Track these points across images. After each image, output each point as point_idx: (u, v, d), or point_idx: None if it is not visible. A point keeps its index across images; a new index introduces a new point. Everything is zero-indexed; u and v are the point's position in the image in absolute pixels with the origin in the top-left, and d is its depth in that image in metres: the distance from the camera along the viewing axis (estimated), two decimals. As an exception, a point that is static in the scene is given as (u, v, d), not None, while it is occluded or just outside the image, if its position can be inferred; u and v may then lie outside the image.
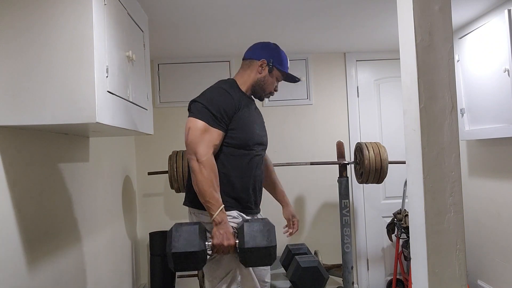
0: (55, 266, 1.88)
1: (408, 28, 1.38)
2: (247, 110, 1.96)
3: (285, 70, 2.06)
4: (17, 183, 1.60)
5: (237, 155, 1.93)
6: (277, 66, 2.03)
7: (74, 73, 1.47)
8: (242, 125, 1.92)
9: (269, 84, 2.05)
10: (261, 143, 2.03)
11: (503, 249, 2.85)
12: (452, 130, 1.36)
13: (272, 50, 2.05)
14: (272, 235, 1.77)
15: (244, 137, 1.93)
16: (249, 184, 1.96)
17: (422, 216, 1.35)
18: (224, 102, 1.88)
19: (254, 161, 1.97)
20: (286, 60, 2.08)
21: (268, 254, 1.75)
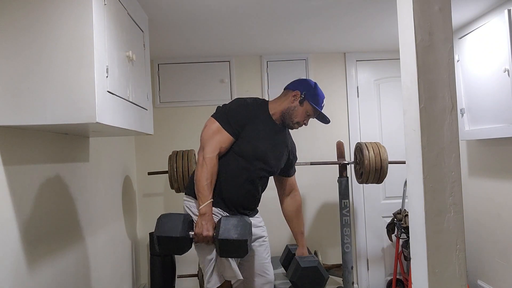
0: (55, 266, 1.88)
1: (408, 28, 1.38)
2: (261, 128, 2.07)
3: (316, 106, 2.13)
4: (17, 183, 1.60)
5: (235, 161, 2.04)
6: (309, 100, 2.12)
7: (74, 73, 1.47)
8: (249, 137, 2.04)
9: (297, 114, 2.13)
10: (262, 159, 2.08)
11: (503, 249, 2.84)
12: (452, 130, 1.36)
13: (308, 85, 2.16)
14: (245, 231, 1.88)
15: (245, 147, 2.04)
16: (234, 192, 2.06)
17: (422, 216, 1.35)
18: (241, 112, 2.06)
19: (247, 173, 2.06)
20: (321, 99, 2.17)
21: (238, 246, 1.87)
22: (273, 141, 2.13)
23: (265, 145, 2.08)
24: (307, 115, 2.15)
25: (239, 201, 2.09)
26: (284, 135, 2.21)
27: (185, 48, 3.28)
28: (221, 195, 2.06)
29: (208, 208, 1.96)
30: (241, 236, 1.87)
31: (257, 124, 2.07)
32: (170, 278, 3.31)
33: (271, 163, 2.13)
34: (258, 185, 2.14)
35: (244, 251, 1.90)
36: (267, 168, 2.12)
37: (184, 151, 3.03)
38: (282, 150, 2.19)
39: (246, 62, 3.64)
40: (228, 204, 2.07)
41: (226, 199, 2.06)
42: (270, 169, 2.14)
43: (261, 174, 2.12)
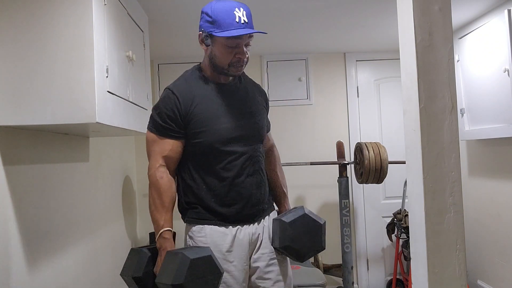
0: (55, 266, 1.88)
1: (408, 28, 1.38)
2: (206, 102, 1.59)
3: (225, 31, 1.49)
4: (17, 183, 1.60)
5: (205, 162, 1.61)
6: (213, 32, 1.52)
7: (74, 73, 1.47)
8: (201, 124, 1.57)
9: (220, 57, 1.57)
10: (236, 137, 1.60)
11: (503, 249, 2.84)
12: (452, 130, 1.36)
13: (205, 15, 1.54)
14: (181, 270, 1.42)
15: (206, 139, 1.58)
16: (227, 196, 1.62)
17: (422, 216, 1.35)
18: (168, 106, 1.59)
19: (230, 165, 1.60)
20: (227, 14, 1.49)
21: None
22: (228, 106, 1.62)
23: (224, 119, 1.59)
24: (229, 48, 1.54)
25: (238, 206, 1.63)
26: (241, 87, 1.70)
27: (185, 48, 3.28)
28: (205, 206, 1.63)
29: (161, 240, 1.55)
30: (174, 279, 1.40)
31: (197, 103, 1.58)
32: (170, 278, 3.31)
33: (246, 131, 1.63)
34: (250, 168, 1.63)
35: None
36: (246, 140, 1.63)
37: (184, 151, 3.03)
38: (246, 104, 1.68)
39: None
40: (227, 216, 1.63)
41: (215, 212, 1.62)
42: (251, 139, 1.64)
43: (244, 151, 1.62)
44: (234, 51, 1.55)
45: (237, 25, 1.49)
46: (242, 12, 1.50)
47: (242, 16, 1.50)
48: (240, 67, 1.60)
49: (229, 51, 1.55)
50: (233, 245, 1.62)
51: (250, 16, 1.55)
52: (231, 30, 1.48)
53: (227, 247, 1.62)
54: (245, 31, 1.50)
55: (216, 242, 1.61)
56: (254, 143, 1.67)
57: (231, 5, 1.50)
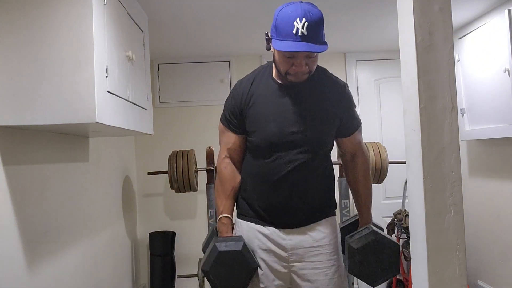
0: (55, 266, 1.87)
1: (408, 28, 1.38)
2: (262, 103, 1.57)
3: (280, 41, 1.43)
4: (17, 183, 1.60)
5: (255, 161, 1.62)
6: (273, 37, 1.47)
7: (74, 73, 1.47)
8: (254, 123, 1.58)
9: (279, 63, 1.52)
10: (284, 143, 1.55)
11: (503, 249, 2.84)
12: (452, 130, 1.36)
13: (275, 14, 1.48)
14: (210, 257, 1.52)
15: (255, 139, 1.59)
16: (267, 198, 1.60)
17: (422, 216, 1.35)
18: (230, 102, 1.64)
19: (270, 167, 1.56)
20: (287, 23, 1.41)
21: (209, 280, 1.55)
22: (292, 110, 1.54)
23: (274, 123, 1.54)
24: (287, 58, 1.47)
25: (268, 210, 1.60)
26: (309, 89, 1.58)
27: (185, 48, 3.28)
28: (252, 206, 1.63)
29: (220, 225, 1.62)
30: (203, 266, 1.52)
31: (253, 103, 1.57)
32: (170, 278, 3.31)
33: (302, 141, 1.54)
34: (298, 176, 1.56)
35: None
36: (297, 146, 1.54)
37: (184, 151, 3.03)
38: (315, 111, 1.57)
39: (246, 62, 3.64)
40: (267, 217, 1.61)
41: (260, 212, 1.61)
42: (305, 147, 1.54)
43: (289, 157, 1.54)
44: (291, 61, 1.48)
45: (293, 37, 1.40)
46: (302, 24, 1.39)
47: (301, 28, 1.39)
48: (299, 77, 1.52)
49: (287, 60, 1.49)
50: (266, 244, 1.61)
51: (315, 25, 1.43)
52: (286, 41, 1.41)
53: (259, 244, 1.61)
54: (295, 47, 1.41)
55: (250, 238, 1.62)
56: (310, 151, 1.56)
57: (294, 14, 1.41)
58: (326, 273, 1.60)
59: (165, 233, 3.39)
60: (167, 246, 3.35)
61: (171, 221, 3.56)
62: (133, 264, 3.28)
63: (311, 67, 1.53)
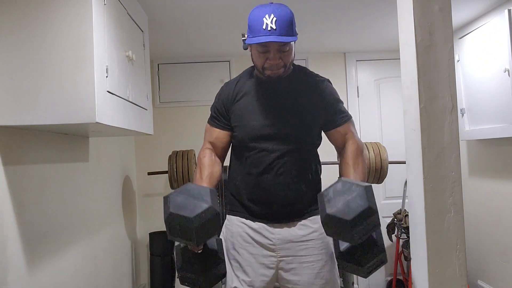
0: (55, 266, 1.87)
1: (408, 28, 1.38)
2: (246, 99, 1.66)
3: (252, 37, 1.52)
4: (17, 183, 1.60)
5: (240, 156, 1.69)
6: (248, 35, 1.57)
7: (74, 73, 1.47)
8: (237, 119, 1.66)
9: (255, 59, 1.61)
10: (266, 135, 1.60)
11: (503, 249, 2.84)
12: (452, 130, 1.36)
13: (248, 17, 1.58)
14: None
15: (238, 133, 1.66)
16: (252, 191, 1.65)
17: (422, 216, 1.35)
18: (217, 99, 1.75)
19: (253, 160, 1.62)
20: (256, 19, 1.51)
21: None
22: (265, 104, 1.63)
23: (257, 117, 1.62)
24: (261, 53, 1.55)
25: (254, 203, 1.65)
26: (288, 84, 1.65)
27: (185, 48, 3.28)
28: (241, 202, 1.69)
29: None
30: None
31: (239, 100, 1.66)
32: (170, 278, 3.31)
33: (282, 133, 1.60)
34: (283, 168, 1.60)
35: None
36: (277, 140, 1.60)
37: (184, 151, 3.03)
38: (294, 105, 1.63)
39: (246, 62, 3.60)
40: (256, 211, 1.65)
41: (249, 207, 1.66)
42: (288, 139, 1.61)
43: (272, 149, 1.60)
44: (266, 55, 1.55)
45: (263, 32, 1.49)
46: (271, 19, 1.49)
47: (270, 23, 1.49)
48: (275, 70, 1.59)
49: (261, 55, 1.56)
50: (255, 238, 1.64)
51: (283, 21, 1.51)
52: (257, 37, 1.50)
53: (247, 237, 1.65)
54: (264, 39, 1.49)
55: (239, 232, 1.67)
56: (291, 142, 1.61)
57: (263, 12, 1.51)
58: (313, 266, 1.62)
59: (165, 233, 3.35)
60: (167, 246, 3.35)
61: (171, 221, 3.56)
62: (133, 264, 3.28)
63: (285, 60, 1.58)
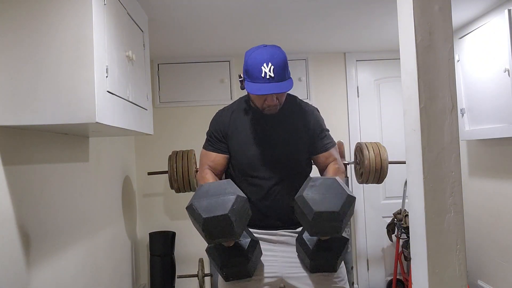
0: (55, 266, 1.88)
1: (408, 28, 1.38)
2: (241, 130, 1.77)
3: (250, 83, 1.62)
4: (17, 183, 1.60)
5: (240, 180, 1.77)
6: (245, 78, 1.67)
7: (74, 73, 1.47)
8: (233, 150, 1.78)
9: (254, 100, 1.73)
10: (262, 165, 1.74)
11: (503, 249, 2.84)
12: (452, 130, 1.36)
13: (245, 58, 1.69)
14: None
15: (237, 162, 1.79)
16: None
17: (422, 216, 1.35)
18: (214, 125, 1.84)
19: (251, 187, 1.75)
20: (255, 66, 1.60)
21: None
22: (266, 136, 1.76)
23: (255, 147, 1.74)
24: (259, 96, 1.67)
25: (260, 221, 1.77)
26: (281, 116, 1.76)
27: (185, 48, 3.28)
28: None
29: None
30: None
31: (234, 130, 1.78)
32: (170, 278, 3.31)
33: (275, 162, 1.73)
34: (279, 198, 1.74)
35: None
36: (273, 169, 1.73)
37: (184, 151, 3.03)
38: (286, 135, 1.77)
39: (246, 62, 3.64)
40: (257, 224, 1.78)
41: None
42: (280, 167, 1.74)
43: (272, 178, 1.73)
44: (264, 97, 1.67)
45: (262, 79, 1.59)
46: (269, 68, 1.59)
47: (269, 72, 1.59)
48: (273, 110, 1.72)
49: (260, 97, 1.68)
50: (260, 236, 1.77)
51: (280, 67, 1.61)
52: (256, 84, 1.61)
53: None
54: (265, 90, 1.60)
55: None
56: (284, 170, 1.75)
57: (261, 59, 1.60)
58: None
59: (165, 233, 3.39)
60: (167, 246, 3.35)
61: (171, 221, 3.56)
62: (133, 264, 3.28)
63: (281, 100, 1.72)
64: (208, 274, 3.12)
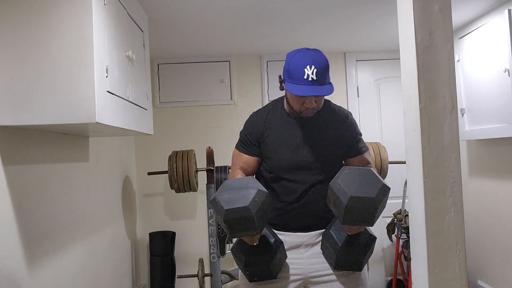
0: (55, 266, 1.88)
1: (408, 28, 1.38)
2: (276, 132, 1.77)
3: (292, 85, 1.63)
4: (17, 183, 1.60)
5: (272, 182, 1.79)
6: (286, 80, 1.67)
7: (74, 73, 1.47)
8: (268, 152, 1.78)
9: (292, 102, 1.72)
10: (295, 168, 1.74)
11: (503, 249, 2.84)
12: (452, 130, 1.36)
13: (286, 61, 1.69)
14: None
15: (270, 165, 1.79)
16: (282, 217, 1.78)
17: (422, 216, 1.35)
18: (248, 127, 1.84)
19: (283, 190, 1.76)
20: (298, 70, 1.61)
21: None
22: (294, 137, 1.76)
23: (287, 150, 1.75)
24: (299, 97, 1.67)
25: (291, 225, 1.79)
26: (316, 119, 1.76)
27: (185, 48, 3.28)
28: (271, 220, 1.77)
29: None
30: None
31: (270, 132, 1.78)
32: (170, 278, 3.31)
33: (309, 166, 1.74)
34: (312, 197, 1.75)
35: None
36: (307, 172, 1.74)
37: (184, 151, 3.03)
38: (320, 139, 1.77)
39: (246, 62, 3.64)
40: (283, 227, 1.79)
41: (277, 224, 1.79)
42: (314, 170, 1.75)
43: (301, 179, 1.74)
44: (302, 100, 1.67)
45: (304, 81, 1.60)
46: (312, 70, 1.60)
47: (311, 74, 1.59)
48: (310, 113, 1.72)
49: (299, 99, 1.67)
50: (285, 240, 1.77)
51: (322, 71, 1.62)
52: (298, 85, 1.61)
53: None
54: (308, 92, 1.61)
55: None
56: (318, 174, 1.75)
57: (304, 62, 1.61)
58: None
59: (165, 233, 3.39)
60: (167, 246, 3.35)
61: (171, 221, 3.56)
62: (133, 264, 3.28)
63: (319, 104, 1.72)
64: (208, 274, 3.12)
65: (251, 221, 1.48)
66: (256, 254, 1.65)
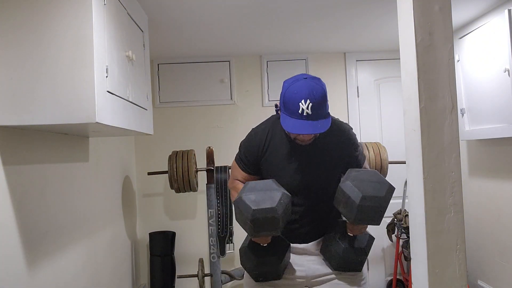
0: (55, 266, 1.87)
1: (408, 28, 1.38)
2: (277, 152, 1.75)
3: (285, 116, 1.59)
4: (17, 183, 1.60)
5: None
6: (281, 109, 1.64)
7: (74, 73, 1.47)
8: (267, 171, 1.77)
9: (287, 132, 1.70)
10: (296, 191, 1.71)
11: (503, 249, 2.84)
12: (452, 130, 1.36)
13: (283, 87, 1.65)
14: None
15: None
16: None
17: (422, 216, 1.35)
18: (248, 146, 1.81)
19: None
20: (292, 102, 1.57)
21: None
22: (294, 160, 1.73)
23: (286, 173, 1.72)
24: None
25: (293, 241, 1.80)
26: (317, 142, 1.74)
27: (185, 48, 3.28)
28: None
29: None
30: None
31: (270, 151, 1.75)
32: (170, 278, 3.31)
33: (309, 189, 1.74)
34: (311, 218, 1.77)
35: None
36: (307, 195, 1.74)
37: (184, 151, 3.03)
38: (321, 163, 1.75)
39: (246, 62, 3.64)
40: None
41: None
42: (314, 194, 1.75)
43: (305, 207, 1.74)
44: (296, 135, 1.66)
45: (299, 115, 1.56)
46: (307, 105, 1.55)
47: (306, 109, 1.55)
48: (305, 142, 1.69)
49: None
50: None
51: (318, 105, 1.57)
52: (292, 119, 1.57)
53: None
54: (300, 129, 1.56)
55: None
56: (317, 197, 1.76)
57: (300, 95, 1.56)
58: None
59: (165, 233, 3.39)
60: (167, 246, 3.35)
61: (171, 221, 3.56)
62: (133, 264, 3.28)
63: (316, 135, 1.70)
64: (208, 274, 3.12)
65: (277, 221, 1.52)
66: (268, 254, 1.69)
